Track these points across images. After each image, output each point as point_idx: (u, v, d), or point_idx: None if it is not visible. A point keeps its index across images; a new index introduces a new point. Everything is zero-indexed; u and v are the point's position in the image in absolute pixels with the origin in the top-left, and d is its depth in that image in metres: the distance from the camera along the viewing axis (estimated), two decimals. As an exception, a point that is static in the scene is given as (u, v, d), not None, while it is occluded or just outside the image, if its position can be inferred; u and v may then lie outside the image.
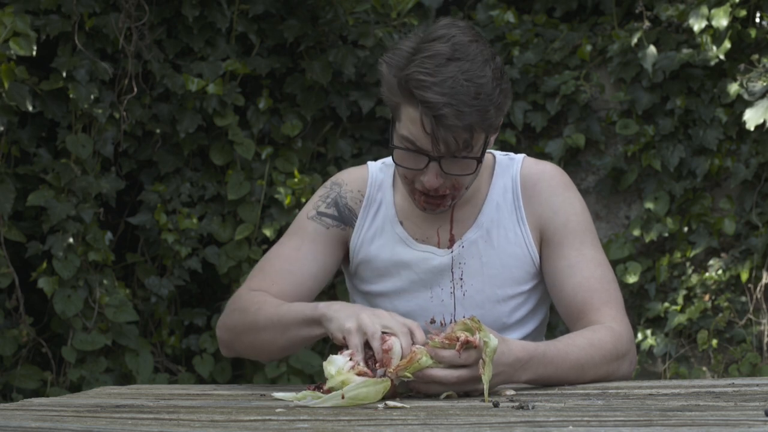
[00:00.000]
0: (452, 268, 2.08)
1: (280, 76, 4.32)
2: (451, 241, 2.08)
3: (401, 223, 2.10)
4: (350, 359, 1.69)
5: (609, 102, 4.34)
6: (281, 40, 4.25)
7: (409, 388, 1.70)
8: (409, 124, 1.90)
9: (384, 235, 2.11)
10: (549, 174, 2.12)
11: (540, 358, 1.79)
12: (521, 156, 2.15)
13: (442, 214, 2.09)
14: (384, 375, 1.67)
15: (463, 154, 1.90)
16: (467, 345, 1.65)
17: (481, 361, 1.65)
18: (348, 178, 2.17)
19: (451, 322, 2.06)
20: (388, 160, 2.17)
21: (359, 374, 1.66)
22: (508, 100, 1.95)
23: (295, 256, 2.08)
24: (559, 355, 1.83)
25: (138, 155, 4.17)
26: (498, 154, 2.16)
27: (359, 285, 2.16)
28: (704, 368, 4.15)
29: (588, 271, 2.02)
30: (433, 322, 2.08)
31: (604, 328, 1.94)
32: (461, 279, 2.07)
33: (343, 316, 1.79)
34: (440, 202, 1.98)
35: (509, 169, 2.13)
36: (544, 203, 2.09)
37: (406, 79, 1.86)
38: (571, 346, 1.87)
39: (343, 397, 1.59)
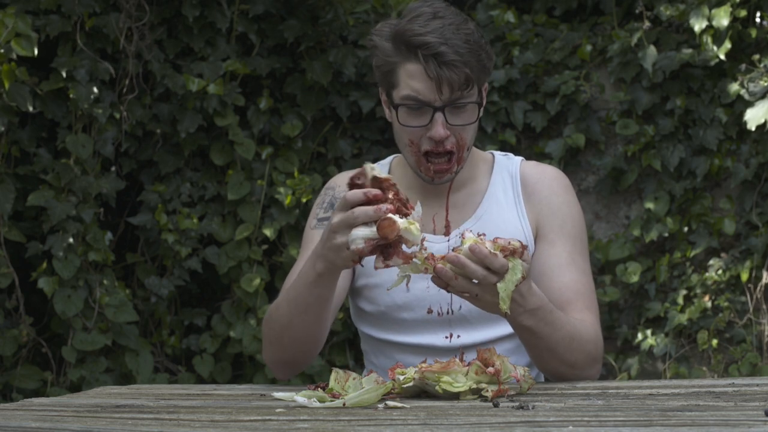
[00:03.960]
0: None
1: (280, 76, 4.32)
2: (447, 228, 2.10)
3: None
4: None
5: (609, 102, 4.34)
6: (281, 40, 4.25)
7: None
8: (408, 80, 1.97)
9: None
10: (550, 175, 2.18)
11: (548, 311, 1.87)
12: (520, 157, 2.22)
13: (438, 202, 2.11)
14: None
15: (464, 98, 1.97)
16: (503, 252, 1.72)
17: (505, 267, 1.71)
18: (340, 180, 2.21)
19: (448, 312, 2.09)
20: (383, 160, 2.20)
21: (396, 213, 1.68)
22: (492, 59, 2.05)
23: None
24: (560, 319, 1.91)
25: (138, 155, 4.17)
26: (497, 153, 2.22)
27: (356, 281, 2.16)
28: (704, 368, 4.15)
29: (577, 275, 2.09)
30: (430, 312, 2.09)
31: (592, 327, 2.01)
32: None
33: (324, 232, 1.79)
34: (446, 162, 2.02)
35: (508, 166, 2.19)
36: (543, 201, 2.13)
37: (401, 33, 1.95)
38: (570, 318, 1.96)
39: (344, 406, 1.60)
